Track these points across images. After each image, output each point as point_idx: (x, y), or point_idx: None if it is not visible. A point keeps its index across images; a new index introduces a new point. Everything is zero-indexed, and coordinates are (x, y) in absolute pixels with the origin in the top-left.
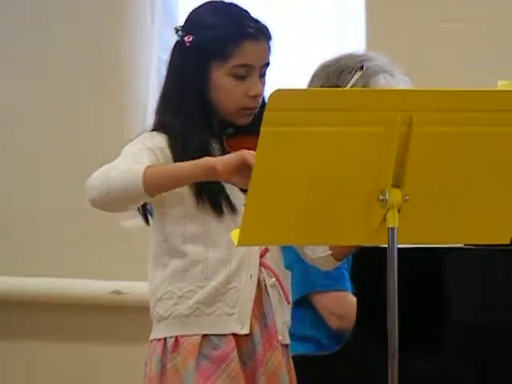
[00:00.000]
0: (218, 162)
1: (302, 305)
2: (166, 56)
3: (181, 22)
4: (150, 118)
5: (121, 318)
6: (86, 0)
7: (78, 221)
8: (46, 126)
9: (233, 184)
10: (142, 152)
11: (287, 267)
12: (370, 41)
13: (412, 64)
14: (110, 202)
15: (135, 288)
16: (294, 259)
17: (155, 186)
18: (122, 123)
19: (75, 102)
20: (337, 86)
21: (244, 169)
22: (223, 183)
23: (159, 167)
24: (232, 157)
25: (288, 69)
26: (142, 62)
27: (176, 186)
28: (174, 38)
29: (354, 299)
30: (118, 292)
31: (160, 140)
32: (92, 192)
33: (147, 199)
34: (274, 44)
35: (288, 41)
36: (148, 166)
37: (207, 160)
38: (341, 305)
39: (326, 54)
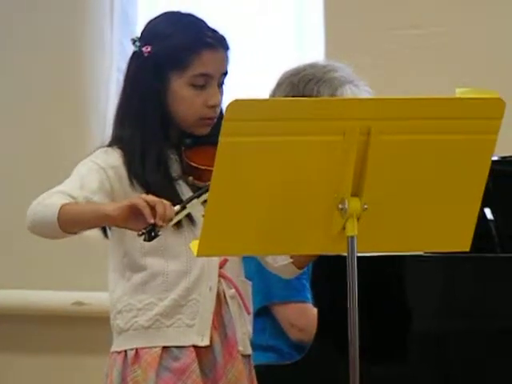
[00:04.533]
0: (111, 209)
1: (262, 314)
2: (123, 64)
3: (139, 31)
4: (110, 127)
5: (82, 329)
6: (46, 7)
7: None
8: (3, 132)
9: (130, 229)
10: (91, 173)
11: (247, 277)
12: (329, 50)
13: (371, 72)
14: (39, 233)
15: (97, 299)
16: (254, 269)
17: (67, 225)
18: (82, 132)
19: (35, 110)
20: (303, 96)
21: (137, 213)
22: (180, 196)
23: (73, 206)
24: (123, 202)
25: (245, 78)
26: (101, 71)
27: (84, 229)
28: (132, 46)
29: (314, 311)
30: (79, 303)
31: (114, 158)
32: (26, 220)
33: (67, 235)
34: (231, 54)
35: (245, 50)
36: (63, 205)
37: (104, 208)
38: (301, 317)
39: (284, 63)
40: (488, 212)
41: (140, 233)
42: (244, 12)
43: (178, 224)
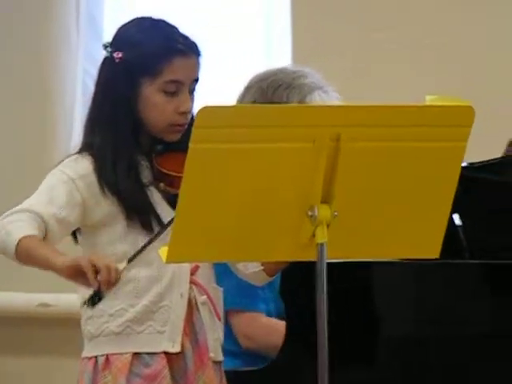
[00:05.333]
0: (58, 263)
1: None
2: (89, 67)
3: (106, 33)
4: (78, 128)
5: (48, 331)
6: (10, 7)
7: None
8: None
9: (77, 283)
10: (60, 185)
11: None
12: (296, 54)
13: (339, 79)
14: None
15: (62, 300)
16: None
17: (23, 260)
18: (47, 133)
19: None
20: (272, 102)
21: (83, 272)
22: (152, 202)
23: (29, 244)
24: (70, 260)
25: (214, 85)
26: (67, 73)
27: (38, 268)
28: (98, 49)
29: (264, 321)
30: (45, 305)
31: (84, 166)
32: None
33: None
34: (202, 60)
35: (214, 57)
36: (22, 239)
37: (53, 261)
38: (249, 326)
39: (252, 68)
40: (457, 218)
41: (82, 305)
42: (212, 18)
43: (150, 230)
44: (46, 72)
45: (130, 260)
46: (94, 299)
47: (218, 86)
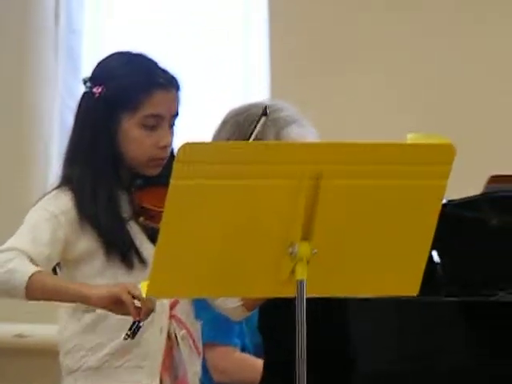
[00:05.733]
0: (93, 294)
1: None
2: (68, 101)
3: (84, 67)
4: (55, 162)
5: (24, 362)
6: None
7: None
8: None
9: (111, 312)
10: (42, 222)
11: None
12: (274, 89)
13: (315, 114)
14: None
15: (38, 331)
16: None
17: (35, 296)
18: (25, 169)
19: None
20: (249, 136)
21: (120, 302)
22: (132, 237)
23: (43, 279)
24: (107, 291)
25: (192, 119)
26: (45, 107)
27: (54, 301)
28: (77, 83)
29: (238, 356)
30: (20, 335)
31: (64, 201)
32: None
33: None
34: (182, 94)
35: (192, 91)
36: (34, 275)
37: (87, 294)
38: (223, 360)
39: (230, 103)
40: (435, 255)
41: (125, 337)
42: (191, 54)
43: (129, 264)
44: (25, 106)
45: None
46: (135, 330)
47: (197, 121)
